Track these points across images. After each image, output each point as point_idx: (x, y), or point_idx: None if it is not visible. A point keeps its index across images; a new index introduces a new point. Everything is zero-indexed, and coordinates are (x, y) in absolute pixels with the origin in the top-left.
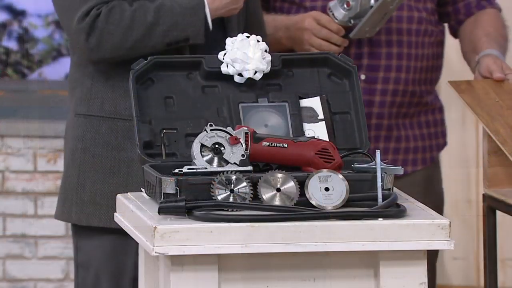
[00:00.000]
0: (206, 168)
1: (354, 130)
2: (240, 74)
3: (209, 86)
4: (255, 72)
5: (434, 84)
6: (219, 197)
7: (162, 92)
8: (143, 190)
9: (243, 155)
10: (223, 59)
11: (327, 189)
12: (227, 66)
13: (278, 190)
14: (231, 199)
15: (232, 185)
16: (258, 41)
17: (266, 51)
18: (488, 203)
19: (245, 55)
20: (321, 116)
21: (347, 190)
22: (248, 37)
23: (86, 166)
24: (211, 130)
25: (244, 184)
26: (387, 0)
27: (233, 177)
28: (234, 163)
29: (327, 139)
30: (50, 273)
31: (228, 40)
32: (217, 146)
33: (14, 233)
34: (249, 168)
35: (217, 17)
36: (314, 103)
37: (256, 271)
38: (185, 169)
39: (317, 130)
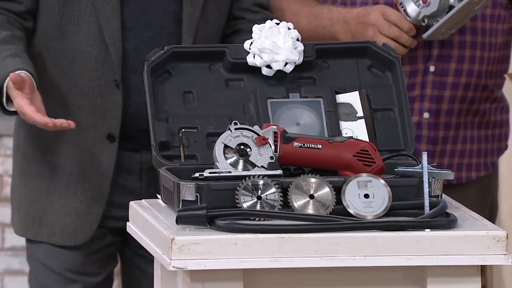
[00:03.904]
0: (230, 172)
1: (397, 129)
2: (268, 66)
3: (233, 79)
4: (286, 64)
5: (503, 78)
6: (245, 205)
7: (180, 86)
8: (159, 196)
9: (271, 157)
10: (250, 49)
11: (366, 196)
12: (254, 56)
13: (311, 197)
14: (258, 207)
15: (260, 191)
16: (289, 29)
17: (298, 39)
18: None
19: (274, 45)
20: (360, 113)
21: (389, 197)
22: (277, 24)
23: (17, 168)
24: (235, 129)
25: (273, 190)
26: (474, 0)
27: (261, 182)
28: (262, 166)
29: (367, 139)
30: None
31: (255, 28)
32: (242, 147)
33: (13, 245)
34: (279, 172)
35: None
36: (352, 98)
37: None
38: (206, 173)
39: (356, 129)
